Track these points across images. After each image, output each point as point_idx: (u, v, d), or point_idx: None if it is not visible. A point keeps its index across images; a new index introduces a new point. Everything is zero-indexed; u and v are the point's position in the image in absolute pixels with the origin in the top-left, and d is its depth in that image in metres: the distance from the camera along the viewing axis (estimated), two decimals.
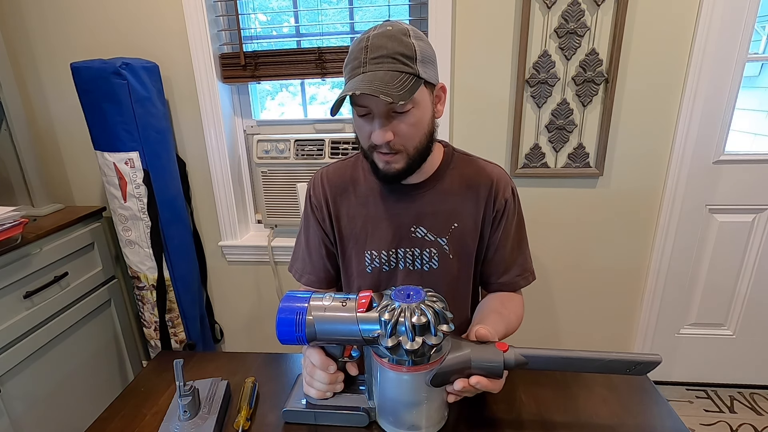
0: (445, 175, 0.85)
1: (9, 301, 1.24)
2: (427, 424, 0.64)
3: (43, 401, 1.36)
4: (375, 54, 0.68)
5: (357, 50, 0.70)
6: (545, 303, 1.69)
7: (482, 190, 0.84)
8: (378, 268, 0.86)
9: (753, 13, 1.29)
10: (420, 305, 0.57)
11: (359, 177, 0.87)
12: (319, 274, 0.93)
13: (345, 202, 0.87)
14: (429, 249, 0.84)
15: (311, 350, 0.67)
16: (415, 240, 0.84)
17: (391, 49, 0.68)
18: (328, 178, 0.89)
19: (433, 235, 0.84)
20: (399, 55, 0.68)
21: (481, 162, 0.88)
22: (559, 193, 1.53)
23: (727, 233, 1.54)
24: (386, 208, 0.85)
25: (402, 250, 0.85)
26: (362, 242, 0.86)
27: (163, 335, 1.59)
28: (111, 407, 0.76)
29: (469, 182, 0.85)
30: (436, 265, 0.85)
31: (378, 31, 0.70)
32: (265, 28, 1.57)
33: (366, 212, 0.86)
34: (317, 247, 0.91)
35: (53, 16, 1.51)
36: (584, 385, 0.75)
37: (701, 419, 1.59)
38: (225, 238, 1.71)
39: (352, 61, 0.71)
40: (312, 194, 0.90)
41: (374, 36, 0.69)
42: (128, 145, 1.37)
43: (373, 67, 0.68)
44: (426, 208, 0.84)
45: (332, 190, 0.88)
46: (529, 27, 1.34)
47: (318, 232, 0.90)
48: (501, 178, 0.86)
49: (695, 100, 1.36)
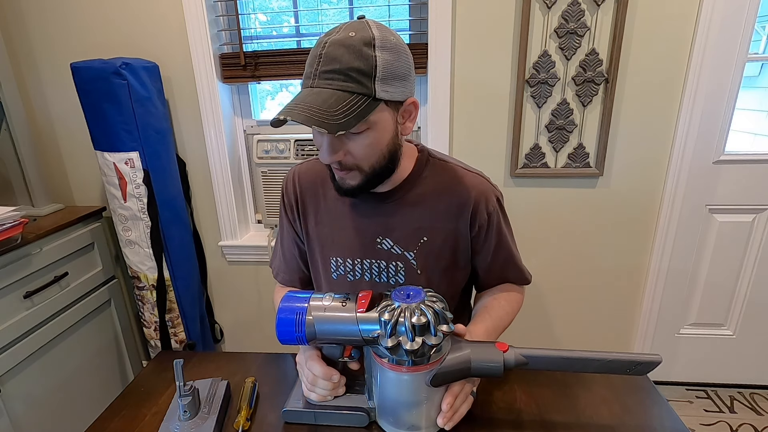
0: (416, 183, 0.77)
1: (9, 301, 1.24)
2: (427, 424, 0.64)
3: (43, 401, 1.36)
4: (327, 67, 0.61)
5: (312, 56, 0.63)
6: (545, 303, 1.69)
7: (460, 205, 0.77)
8: (343, 276, 0.82)
9: (753, 13, 1.29)
10: (420, 305, 0.57)
11: (329, 178, 0.81)
12: (292, 275, 0.91)
13: (314, 203, 0.83)
14: (395, 262, 0.78)
15: (312, 362, 0.66)
16: (380, 252, 0.78)
17: (345, 63, 0.60)
18: (300, 178, 0.84)
19: (400, 248, 0.78)
20: (354, 72, 0.60)
21: (459, 170, 0.79)
22: (559, 193, 1.53)
23: (727, 233, 1.54)
24: (353, 216, 0.79)
25: (367, 261, 0.79)
26: (327, 247, 0.82)
27: (163, 335, 1.59)
28: (111, 407, 0.76)
29: (444, 193, 0.77)
30: (403, 279, 0.79)
31: (338, 36, 0.62)
32: (265, 28, 1.57)
33: (333, 217, 0.81)
34: (290, 246, 0.89)
35: (53, 16, 1.51)
36: (584, 385, 0.75)
37: (701, 419, 1.59)
38: (225, 238, 1.71)
39: (307, 68, 0.64)
40: (285, 193, 0.86)
41: (332, 42, 0.61)
42: (128, 145, 1.37)
43: (322, 83, 0.61)
44: (393, 220, 0.77)
45: (302, 190, 0.84)
46: (529, 27, 1.34)
47: (290, 231, 0.88)
48: (481, 190, 0.77)
49: (695, 100, 1.36)
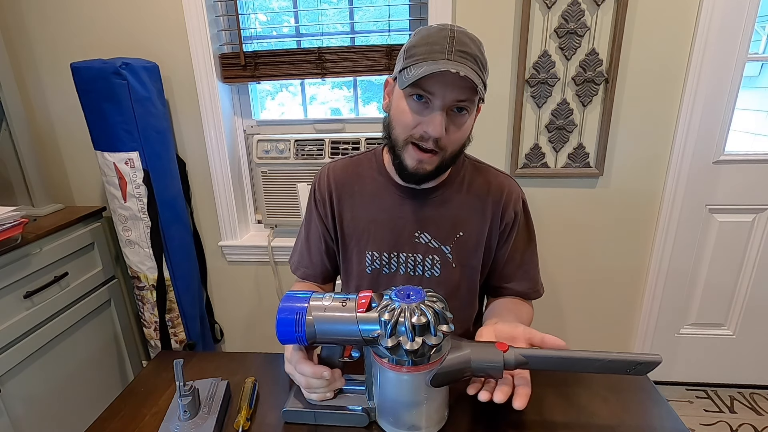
0: (454, 182, 0.83)
1: (9, 301, 1.24)
2: (427, 424, 0.64)
3: (43, 401, 1.36)
4: (462, 48, 0.67)
5: (439, 37, 0.68)
6: (545, 303, 1.68)
7: (491, 202, 0.82)
8: (378, 269, 0.85)
9: (753, 13, 1.29)
10: (420, 305, 0.57)
11: (366, 175, 0.86)
12: (315, 269, 0.92)
13: (349, 199, 0.86)
14: (432, 256, 0.82)
15: (301, 365, 0.64)
16: (418, 246, 0.82)
17: (473, 51, 0.68)
18: (335, 174, 0.87)
19: (437, 242, 0.82)
20: (479, 61, 0.68)
21: (492, 171, 0.86)
22: (559, 193, 1.53)
23: (727, 233, 1.54)
24: (391, 211, 0.83)
25: (404, 254, 0.83)
26: (364, 242, 0.85)
27: (163, 335, 1.59)
28: (111, 407, 0.76)
29: (478, 191, 0.83)
30: (438, 272, 0.83)
31: (459, 29, 0.68)
32: (265, 28, 1.57)
33: (370, 212, 0.84)
34: (317, 242, 0.91)
35: (53, 15, 1.51)
36: (584, 385, 0.75)
37: (701, 419, 1.59)
38: (225, 238, 1.71)
39: (432, 45, 0.67)
40: (317, 189, 0.88)
41: (458, 32, 0.68)
42: (128, 145, 1.37)
43: (459, 59, 0.66)
44: (432, 214, 0.82)
45: (338, 186, 0.86)
46: (529, 27, 1.34)
47: (319, 227, 0.89)
48: (512, 190, 0.84)
49: (695, 100, 1.36)
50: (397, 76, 0.72)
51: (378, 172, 0.85)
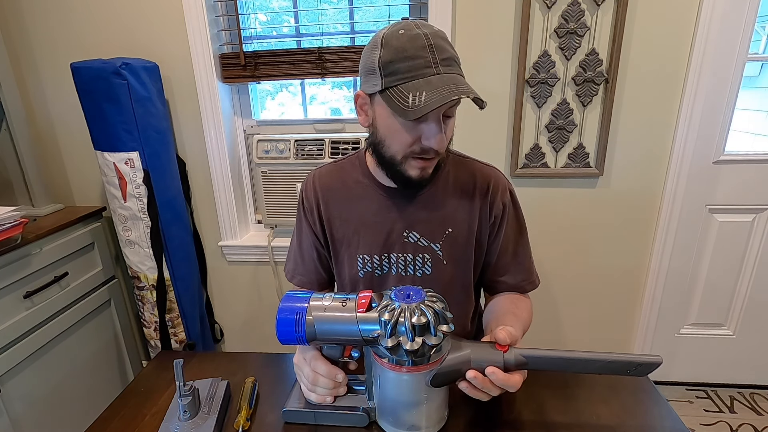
0: (439, 178, 0.81)
1: (9, 301, 1.24)
2: (427, 424, 0.64)
3: (43, 401, 1.36)
4: (443, 55, 0.65)
5: (416, 48, 0.64)
6: (545, 303, 1.69)
7: (478, 195, 0.82)
8: (370, 272, 0.84)
9: (753, 13, 1.29)
10: (420, 305, 0.57)
11: (351, 179, 0.85)
12: (310, 276, 0.92)
13: (337, 205, 0.85)
14: (422, 254, 0.82)
15: (316, 361, 0.66)
16: (407, 245, 0.82)
17: (450, 53, 0.66)
18: (321, 181, 0.87)
19: (426, 240, 0.82)
20: (457, 60, 0.68)
21: (477, 164, 0.85)
22: (559, 193, 1.53)
23: (727, 233, 1.54)
24: (378, 213, 0.82)
25: (394, 255, 0.83)
26: (354, 246, 0.84)
27: (163, 335, 1.58)
28: (111, 407, 0.76)
29: (464, 185, 0.82)
30: (429, 271, 0.83)
31: (428, 32, 0.65)
32: (265, 28, 1.57)
33: (358, 216, 0.84)
34: (309, 250, 0.90)
35: (54, 15, 1.51)
36: (584, 386, 0.75)
37: (701, 419, 1.59)
38: (225, 238, 1.71)
39: (412, 59, 0.64)
40: (304, 197, 0.88)
41: (431, 36, 0.65)
42: (128, 145, 1.37)
43: (446, 69, 0.65)
44: (419, 213, 0.81)
45: (324, 192, 0.86)
46: (529, 27, 1.34)
47: (310, 235, 0.89)
48: (498, 182, 0.83)
49: (695, 100, 1.36)
50: (377, 94, 0.68)
51: (363, 175, 0.84)
